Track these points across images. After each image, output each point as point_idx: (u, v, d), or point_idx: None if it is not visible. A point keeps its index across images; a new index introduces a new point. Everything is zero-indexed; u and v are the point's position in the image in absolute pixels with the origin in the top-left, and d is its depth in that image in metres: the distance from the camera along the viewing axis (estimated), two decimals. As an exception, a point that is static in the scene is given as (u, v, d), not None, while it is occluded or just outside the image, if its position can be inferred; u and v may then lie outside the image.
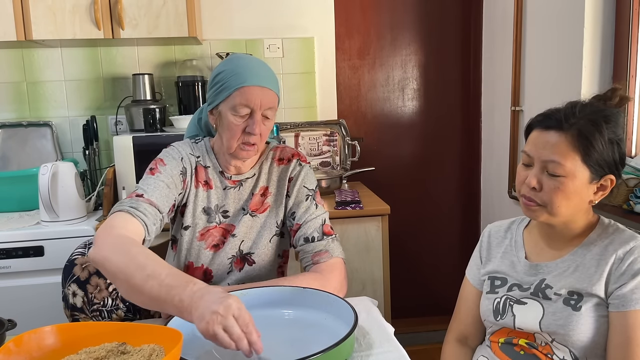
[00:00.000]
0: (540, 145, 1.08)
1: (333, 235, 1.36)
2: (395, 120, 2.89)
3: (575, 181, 1.05)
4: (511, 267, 1.22)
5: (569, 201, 1.06)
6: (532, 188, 1.08)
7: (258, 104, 1.25)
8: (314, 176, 1.44)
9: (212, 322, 0.88)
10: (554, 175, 1.05)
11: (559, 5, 2.10)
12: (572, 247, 1.14)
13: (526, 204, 1.11)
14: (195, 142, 1.41)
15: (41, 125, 2.50)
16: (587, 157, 1.04)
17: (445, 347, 1.31)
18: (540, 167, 1.07)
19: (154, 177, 1.27)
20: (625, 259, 1.06)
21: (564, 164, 1.04)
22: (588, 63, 1.98)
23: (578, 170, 1.04)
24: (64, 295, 1.25)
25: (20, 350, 0.87)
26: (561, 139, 1.05)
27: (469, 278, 1.32)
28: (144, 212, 1.18)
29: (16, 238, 1.96)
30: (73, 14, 2.17)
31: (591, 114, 1.06)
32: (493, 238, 1.31)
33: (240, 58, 1.31)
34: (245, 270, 1.38)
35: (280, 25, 2.64)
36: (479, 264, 1.30)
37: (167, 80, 2.58)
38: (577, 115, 1.05)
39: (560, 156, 1.04)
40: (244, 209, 1.38)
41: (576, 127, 1.04)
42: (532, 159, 1.09)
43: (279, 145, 1.46)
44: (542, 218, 1.11)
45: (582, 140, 1.03)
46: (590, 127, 1.04)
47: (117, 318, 1.26)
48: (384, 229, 2.19)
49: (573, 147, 1.04)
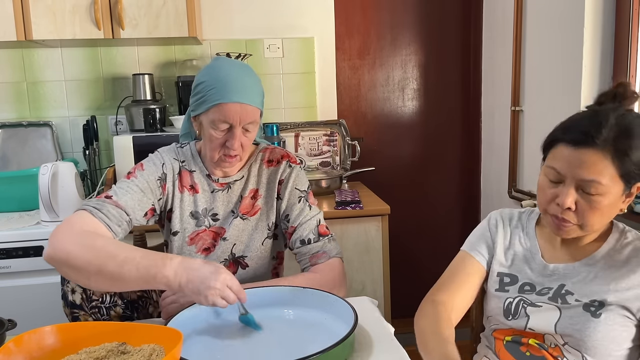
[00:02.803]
0: (574, 163, 1.00)
1: (329, 235, 1.35)
2: (395, 120, 2.89)
3: (611, 197, 1.00)
4: (524, 263, 1.17)
5: (604, 217, 1.03)
6: (567, 209, 1.02)
7: (237, 120, 1.24)
8: (305, 177, 1.42)
9: (211, 295, 1.01)
10: (590, 194, 1.00)
11: (559, 6, 2.10)
12: (589, 251, 1.11)
13: (559, 225, 1.05)
14: (181, 147, 1.41)
15: (41, 125, 2.50)
16: (626, 175, 0.99)
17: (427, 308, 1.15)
18: (574, 185, 1.01)
19: (129, 181, 1.29)
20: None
21: (604, 182, 0.98)
22: (588, 63, 1.98)
23: (614, 185, 1.00)
24: (63, 293, 1.25)
25: (20, 350, 0.87)
26: (597, 157, 0.98)
27: (475, 256, 1.22)
28: (106, 214, 1.19)
29: (16, 238, 1.96)
30: (73, 14, 2.17)
31: (620, 124, 1.00)
32: (505, 225, 1.23)
33: (222, 68, 1.27)
34: (239, 274, 1.38)
35: (280, 25, 2.64)
36: (490, 245, 1.22)
37: (167, 80, 2.58)
38: (607, 127, 0.99)
39: (599, 175, 0.98)
40: (234, 211, 1.38)
41: (610, 142, 0.98)
42: (563, 177, 1.02)
43: (268, 146, 1.45)
44: (573, 235, 1.07)
45: (622, 158, 0.98)
46: (625, 140, 0.98)
47: (115, 315, 1.26)
48: (384, 229, 2.18)
49: (612, 165, 0.98)
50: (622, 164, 0.98)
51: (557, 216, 1.04)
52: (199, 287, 1.02)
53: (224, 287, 1.02)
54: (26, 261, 1.96)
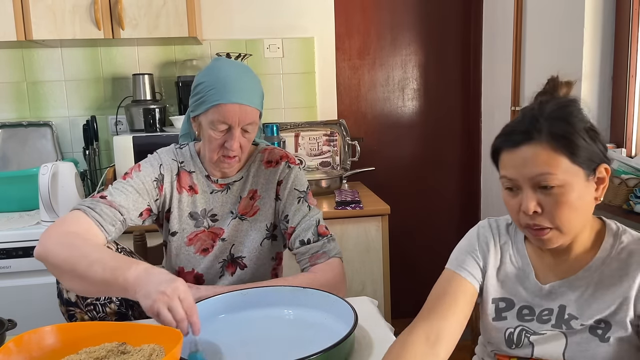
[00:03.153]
0: (520, 164, 0.94)
1: (328, 235, 1.35)
2: (395, 120, 2.89)
3: (574, 186, 0.92)
4: (517, 284, 1.06)
5: (577, 211, 0.93)
6: (533, 213, 0.93)
7: (236, 121, 1.24)
8: (304, 177, 1.42)
9: (158, 300, 0.93)
10: (549, 188, 0.92)
11: (559, 6, 2.10)
12: (584, 262, 1.00)
13: (536, 234, 0.95)
14: (180, 148, 1.41)
15: (41, 125, 2.50)
16: (573, 156, 0.92)
17: (409, 347, 0.96)
18: (530, 186, 0.93)
19: (124, 182, 1.30)
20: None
21: (555, 172, 0.91)
22: (588, 63, 1.98)
23: (571, 173, 0.92)
24: (58, 291, 1.25)
25: (20, 350, 0.87)
26: (537, 149, 0.92)
27: (465, 276, 1.07)
28: (100, 213, 1.20)
29: (16, 238, 1.96)
30: (73, 14, 2.17)
31: (552, 112, 0.95)
32: (495, 241, 1.10)
33: (221, 69, 1.28)
34: (238, 274, 1.38)
35: (280, 25, 2.63)
36: (481, 264, 1.09)
37: (167, 80, 2.58)
38: (540, 119, 0.94)
39: (547, 166, 0.91)
40: (233, 212, 1.38)
41: (546, 131, 0.92)
42: (517, 182, 0.95)
43: (267, 146, 1.45)
44: (558, 243, 0.96)
45: (560, 142, 0.92)
46: (560, 124, 0.93)
47: (110, 312, 1.26)
48: (384, 229, 2.18)
49: (555, 152, 0.92)
50: (569, 149, 0.91)
51: (530, 226, 0.95)
52: (149, 290, 0.96)
53: (174, 296, 0.94)
54: (26, 261, 1.96)
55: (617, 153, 1.83)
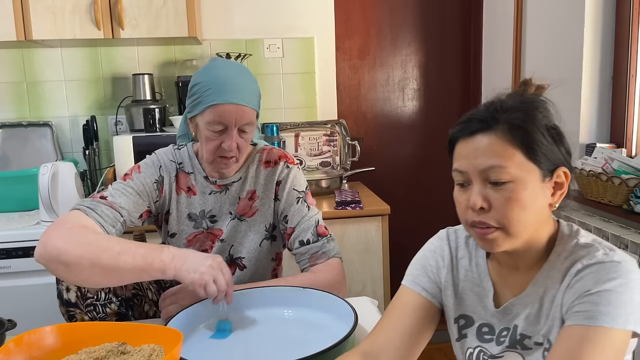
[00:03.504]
0: (471, 155, 0.85)
1: (328, 235, 1.35)
2: (395, 120, 2.89)
3: (527, 184, 0.83)
4: (477, 302, 0.96)
5: (527, 211, 0.84)
6: (479, 209, 0.84)
7: (232, 121, 1.24)
8: (303, 177, 1.42)
9: (206, 273, 1.04)
10: (499, 183, 0.83)
11: (559, 6, 2.10)
12: (534, 272, 0.90)
13: (480, 233, 0.86)
14: (178, 149, 1.41)
15: (41, 125, 2.50)
16: (530, 151, 0.84)
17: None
18: (480, 180, 0.85)
19: (124, 183, 1.30)
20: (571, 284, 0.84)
21: (507, 165, 0.83)
22: (588, 63, 1.98)
23: (525, 169, 0.83)
24: (58, 291, 1.25)
25: (20, 350, 0.87)
26: (492, 138, 0.84)
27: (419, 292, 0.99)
28: (100, 214, 1.20)
29: (16, 238, 1.96)
30: (73, 14, 2.17)
31: (516, 104, 0.87)
32: (453, 255, 1.01)
33: (217, 69, 1.27)
34: (237, 275, 1.38)
35: (280, 25, 2.63)
36: (437, 280, 1.00)
37: (167, 80, 2.58)
38: (502, 110, 0.86)
39: (500, 158, 0.83)
40: (231, 213, 1.37)
41: (505, 120, 0.84)
42: (467, 175, 0.86)
43: (266, 147, 1.44)
44: (504, 246, 0.86)
45: (517, 132, 0.84)
46: (521, 115, 0.85)
47: (111, 312, 1.26)
48: (384, 229, 2.18)
49: (510, 143, 0.83)
50: (526, 142, 0.84)
51: (476, 224, 0.86)
52: (195, 265, 1.05)
53: (219, 269, 1.06)
54: (26, 261, 1.96)
55: (617, 153, 1.83)
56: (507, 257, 0.92)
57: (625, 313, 0.78)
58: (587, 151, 1.98)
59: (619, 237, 1.67)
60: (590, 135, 2.02)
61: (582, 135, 2.02)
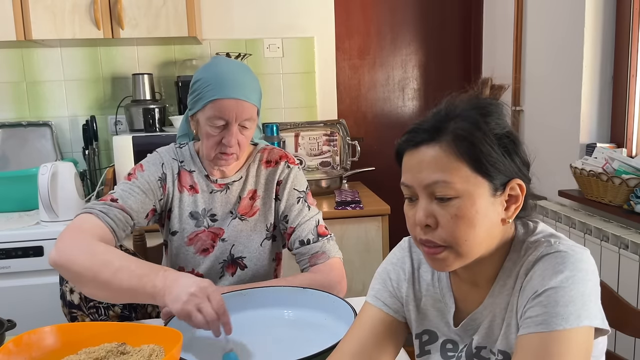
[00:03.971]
0: (415, 168, 0.79)
1: (328, 235, 1.35)
2: (395, 120, 2.89)
3: (474, 199, 0.76)
4: (439, 317, 0.90)
5: (476, 229, 0.77)
6: (425, 226, 0.78)
7: (233, 117, 1.24)
8: (304, 177, 1.42)
9: (188, 302, 0.95)
10: (444, 199, 0.76)
11: (559, 5, 2.10)
12: (492, 284, 0.84)
13: (429, 252, 0.79)
14: (180, 147, 1.40)
15: (41, 125, 2.49)
16: (477, 164, 0.76)
17: None
18: (425, 195, 0.78)
19: (130, 183, 1.29)
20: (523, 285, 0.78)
21: (451, 180, 0.76)
22: (588, 63, 1.98)
23: (472, 183, 0.76)
24: (61, 293, 1.25)
25: (20, 350, 0.87)
26: (436, 151, 0.77)
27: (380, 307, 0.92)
28: (114, 219, 1.20)
29: (16, 238, 1.96)
30: (73, 14, 2.17)
31: (463, 111, 0.80)
32: (415, 268, 0.94)
33: (218, 65, 1.28)
34: (238, 275, 1.38)
35: (280, 25, 2.63)
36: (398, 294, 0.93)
37: (167, 80, 2.58)
38: (447, 119, 0.79)
39: (443, 172, 0.76)
40: (232, 212, 1.37)
41: (449, 131, 0.77)
42: (413, 189, 0.79)
43: (267, 146, 1.45)
44: (454, 266, 0.79)
45: (463, 144, 0.76)
46: (466, 125, 0.77)
47: (114, 314, 1.26)
48: (384, 229, 2.18)
49: (454, 157, 0.76)
50: (471, 155, 0.76)
51: (424, 242, 0.79)
52: (179, 293, 0.96)
53: (203, 298, 0.95)
54: (26, 261, 1.96)
55: (618, 153, 1.83)
56: (465, 272, 0.85)
57: (576, 309, 0.72)
58: (587, 151, 1.98)
59: (619, 237, 1.67)
60: (590, 135, 2.02)
61: (583, 135, 2.02)
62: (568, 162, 1.96)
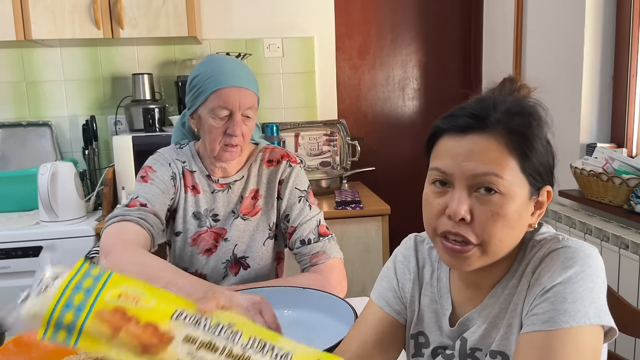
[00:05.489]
0: (462, 156, 0.73)
1: (329, 235, 1.35)
2: (395, 120, 2.89)
3: (516, 200, 0.72)
4: (433, 320, 0.87)
5: (512, 231, 0.73)
6: (460, 220, 0.72)
7: (237, 105, 1.24)
8: (305, 177, 1.42)
9: (247, 312, 0.94)
10: (491, 193, 0.71)
11: (559, 6, 2.10)
12: (493, 285, 0.81)
13: (453, 249, 0.74)
14: (180, 147, 1.40)
15: (40, 125, 2.49)
16: (527, 162, 0.73)
17: None
18: (465, 186, 0.73)
19: (148, 185, 1.29)
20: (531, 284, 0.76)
21: (502, 175, 0.71)
22: (589, 63, 1.97)
23: (517, 183, 0.72)
24: None
25: (20, 350, 0.87)
26: (490, 142, 0.72)
27: (383, 307, 0.90)
28: (152, 225, 1.22)
29: (15, 238, 1.96)
30: (73, 14, 2.17)
31: (515, 103, 0.76)
32: (420, 268, 0.91)
33: (215, 60, 1.30)
34: (241, 275, 1.37)
35: (280, 24, 2.63)
36: (400, 295, 0.90)
37: (167, 80, 2.58)
38: (500, 107, 0.75)
39: (495, 165, 0.71)
40: (234, 212, 1.37)
41: (504, 123, 0.73)
42: (451, 177, 0.74)
43: (268, 146, 1.45)
44: (475, 265, 0.75)
45: (517, 139, 0.73)
46: (524, 120, 0.74)
47: None
48: (384, 229, 2.18)
49: (507, 151, 0.72)
50: (524, 153, 0.73)
51: (448, 237, 0.74)
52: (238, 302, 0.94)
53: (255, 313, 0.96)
54: (25, 261, 1.96)
55: (618, 153, 1.83)
56: (470, 275, 0.81)
57: (584, 306, 0.69)
58: (587, 151, 1.98)
59: (620, 237, 1.66)
60: (590, 135, 2.02)
61: (583, 135, 2.02)
62: (568, 162, 1.96)
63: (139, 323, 0.57)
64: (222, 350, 0.57)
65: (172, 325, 0.58)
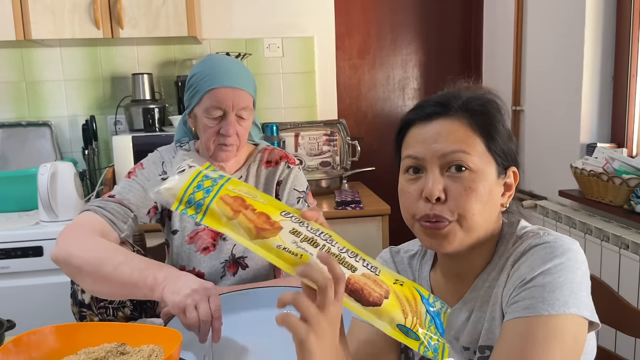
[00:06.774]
0: (431, 139, 0.78)
1: None
2: (395, 119, 2.88)
3: (486, 176, 0.77)
4: None
5: (484, 206, 0.77)
6: (436, 200, 0.76)
7: (230, 105, 1.25)
8: (304, 178, 1.42)
9: (188, 296, 0.94)
10: (461, 170, 0.76)
11: (560, 5, 2.10)
12: (474, 276, 0.83)
13: (433, 227, 0.77)
14: (180, 146, 1.41)
15: (40, 125, 2.49)
16: (491, 141, 0.79)
17: None
18: (437, 167, 0.77)
19: (130, 180, 1.31)
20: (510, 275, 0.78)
21: (471, 152, 0.77)
22: (589, 63, 1.97)
23: (484, 161, 0.78)
24: (72, 291, 1.25)
25: (20, 350, 0.87)
26: (455, 124, 0.78)
27: None
28: (111, 212, 1.22)
29: (15, 238, 1.95)
30: (72, 14, 2.17)
31: (474, 93, 0.83)
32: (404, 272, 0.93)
33: (212, 59, 1.30)
34: (239, 274, 1.37)
35: (280, 24, 2.63)
36: None
37: (167, 80, 2.58)
38: (461, 96, 0.82)
39: (462, 143, 0.77)
40: None
41: (468, 106, 0.80)
42: (423, 161, 0.78)
43: (267, 147, 1.45)
44: (456, 242, 0.77)
45: (480, 119, 0.79)
46: (484, 106, 0.81)
47: (122, 316, 1.25)
48: (384, 229, 2.18)
49: (471, 131, 0.78)
50: (488, 132, 0.79)
51: (428, 219, 0.77)
52: (180, 287, 0.96)
53: (204, 297, 0.94)
54: (25, 261, 1.95)
55: (618, 153, 1.83)
56: (451, 262, 0.84)
57: (563, 295, 0.71)
58: (587, 151, 1.98)
59: (620, 237, 1.66)
60: (590, 135, 2.02)
61: (583, 135, 2.02)
62: (568, 162, 1.96)
63: (255, 210, 0.68)
64: (322, 247, 0.67)
65: (280, 219, 0.68)
